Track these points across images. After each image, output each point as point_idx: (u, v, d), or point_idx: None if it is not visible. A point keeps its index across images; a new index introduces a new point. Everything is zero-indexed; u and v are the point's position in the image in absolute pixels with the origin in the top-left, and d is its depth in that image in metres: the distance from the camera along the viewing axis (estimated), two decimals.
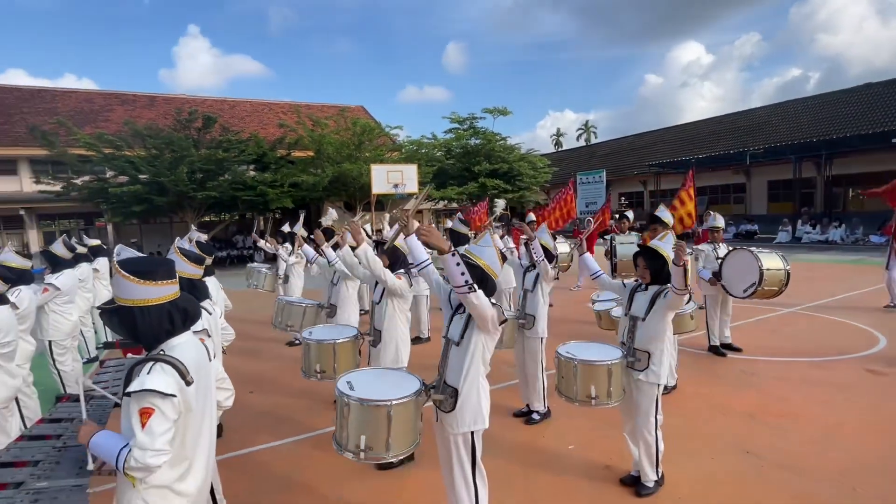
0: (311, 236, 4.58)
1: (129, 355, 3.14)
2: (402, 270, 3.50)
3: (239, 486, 3.13)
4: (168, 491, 1.62)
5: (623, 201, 29.35)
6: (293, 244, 6.79)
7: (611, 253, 6.87)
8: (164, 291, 1.65)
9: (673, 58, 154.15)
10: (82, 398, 1.79)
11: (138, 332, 1.64)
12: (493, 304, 2.27)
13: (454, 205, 25.63)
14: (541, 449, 3.57)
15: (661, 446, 2.91)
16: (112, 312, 1.66)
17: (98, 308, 2.98)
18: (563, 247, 7.31)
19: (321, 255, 4.51)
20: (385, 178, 17.44)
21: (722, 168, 24.37)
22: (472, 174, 23.08)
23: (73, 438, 2.02)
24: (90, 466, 1.73)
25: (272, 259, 11.70)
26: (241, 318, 7.15)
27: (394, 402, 2.11)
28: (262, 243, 7.78)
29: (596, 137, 61.18)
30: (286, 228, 7.79)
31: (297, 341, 6.26)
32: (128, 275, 1.58)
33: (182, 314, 1.71)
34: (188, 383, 1.60)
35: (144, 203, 16.66)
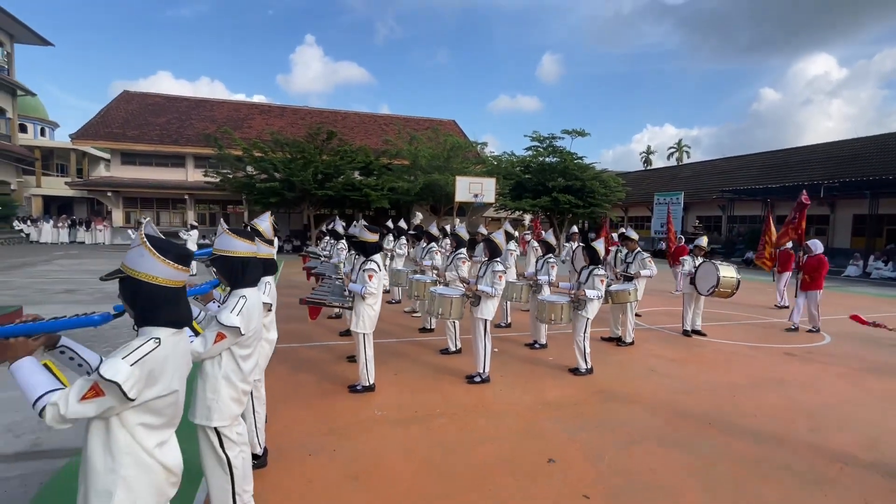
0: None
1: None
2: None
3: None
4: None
5: (697, 223, 29.74)
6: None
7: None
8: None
9: (796, 72, 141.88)
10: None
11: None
12: (506, 268, 5.01)
13: (528, 215, 28.02)
14: (536, 358, 6.18)
15: (588, 350, 5.44)
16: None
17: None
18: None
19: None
20: (467, 188, 20.51)
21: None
22: (547, 189, 25.33)
23: None
24: None
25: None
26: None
27: (453, 297, 4.96)
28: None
29: (689, 157, 59.67)
30: (338, 227, 8.56)
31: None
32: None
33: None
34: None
35: (278, 196, 21.23)
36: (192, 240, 13.93)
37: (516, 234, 10.92)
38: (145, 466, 1.54)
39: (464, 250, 6.46)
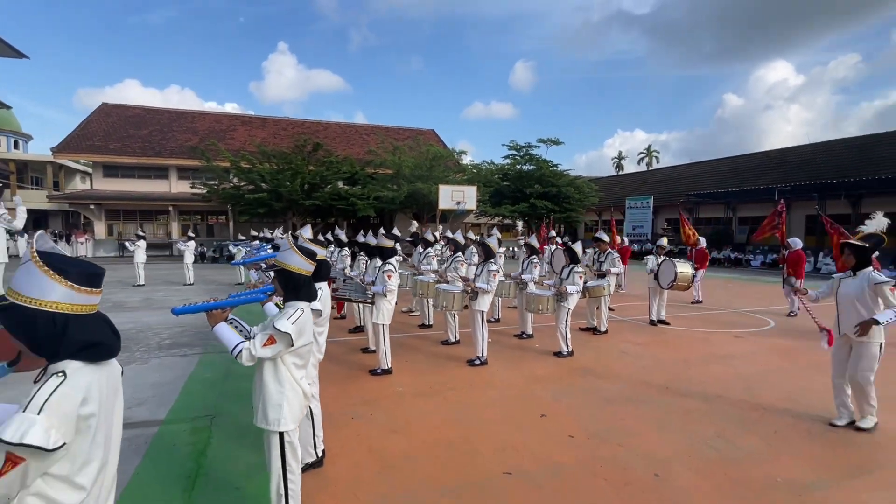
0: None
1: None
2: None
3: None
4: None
5: (666, 226, 31.49)
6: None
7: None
8: None
9: (757, 78, 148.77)
10: None
11: None
12: (498, 271, 5.98)
13: (507, 220, 29.22)
14: (525, 346, 7.16)
15: (569, 336, 6.46)
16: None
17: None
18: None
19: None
20: (450, 196, 21.52)
21: (766, 201, 26.18)
22: (525, 195, 26.59)
23: None
24: None
25: None
26: None
27: (456, 292, 5.90)
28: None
29: (658, 162, 62.30)
30: (341, 236, 9.09)
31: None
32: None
33: None
34: None
35: (266, 207, 21.81)
36: (189, 250, 14.49)
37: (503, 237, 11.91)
38: (296, 390, 2.44)
39: (461, 253, 7.41)
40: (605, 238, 8.77)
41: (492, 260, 6.03)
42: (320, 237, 10.39)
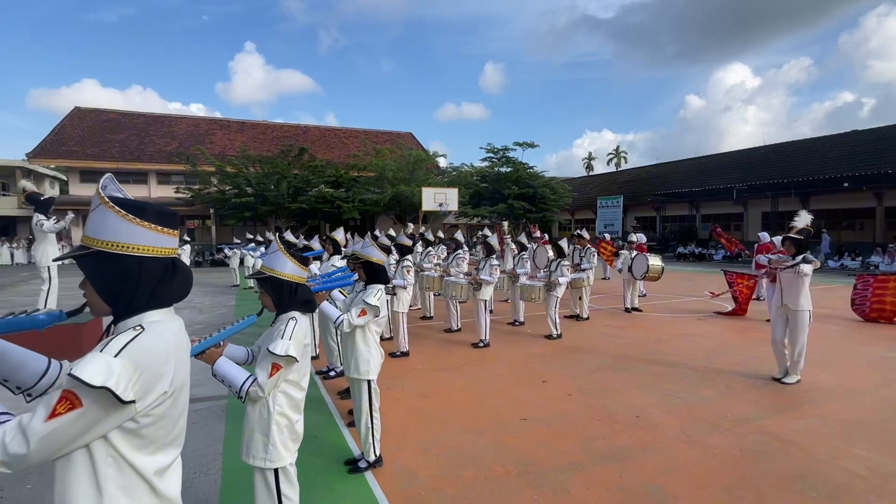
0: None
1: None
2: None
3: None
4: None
5: (635, 224, 33.25)
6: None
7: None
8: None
9: (716, 80, 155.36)
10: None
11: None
12: (497, 266, 6.92)
13: (486, 221, 30.28)
14: (518, 331, 8.12)
15: (558, 321, 7.46)
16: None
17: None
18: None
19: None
20: (432, 198, 22.38)
21: (726, 200, 28.08)
22: (503, 196, 27.69)
23: None
24: None
25: None
26: None
27: (463, 284, 6.81)
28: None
29: (626, 162, 64.89)
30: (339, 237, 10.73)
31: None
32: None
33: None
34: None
35: (251, 210, 22.20)
36: (185, 254, 14.89)
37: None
38: (378, 348, 3.30)
39: (461, 250, 8.32)
40: (586, 235, 9.85)
41: (493, 255, 6.97)
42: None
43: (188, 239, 15.36)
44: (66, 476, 1.12)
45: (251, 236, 14.54)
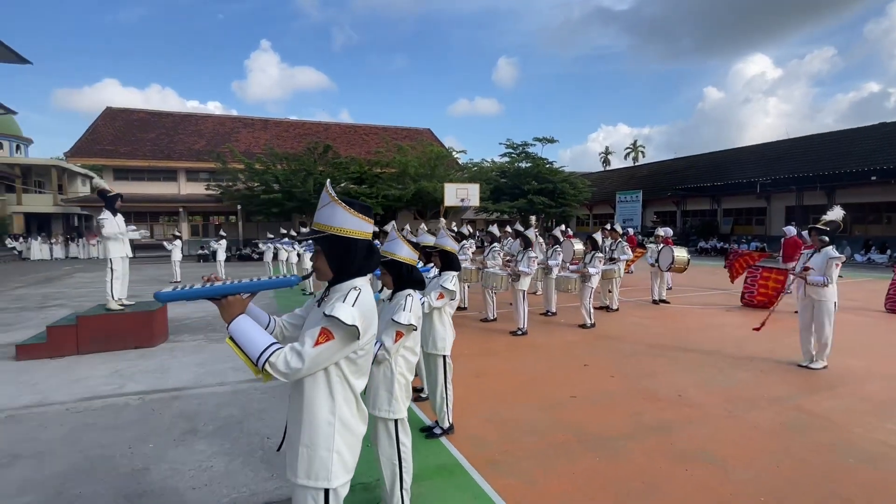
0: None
1: None
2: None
3: None
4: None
5: (655, 219, 33.18)
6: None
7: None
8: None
9: (736, 72, 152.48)
10: None
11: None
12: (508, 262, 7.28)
13: (506, 216, 30.57)
14: (552, 321, 8.46)
15: (592, 310, 7.79)
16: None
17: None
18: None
19: None
20: (454, 193, 22.76)
21: (748, 194, 27.92)
22: (523, 192, 27.94)
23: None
24: None
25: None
26: None
27: (503, 275, 7.20)
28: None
29: (644, 157, 64.27)
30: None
31: None
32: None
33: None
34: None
35: (279, 206, 22.84)
36: (222, 248, 15.54)
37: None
38: (451, 328, 3.69)
39: (497, 244, 8.69)
40: (619, 229, 10.15)
41: (530, 248, 7.33)
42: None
43: (223, 234, 15.99)
44: (314, 388, 1.63)
45: (285, 231, 15.09)
